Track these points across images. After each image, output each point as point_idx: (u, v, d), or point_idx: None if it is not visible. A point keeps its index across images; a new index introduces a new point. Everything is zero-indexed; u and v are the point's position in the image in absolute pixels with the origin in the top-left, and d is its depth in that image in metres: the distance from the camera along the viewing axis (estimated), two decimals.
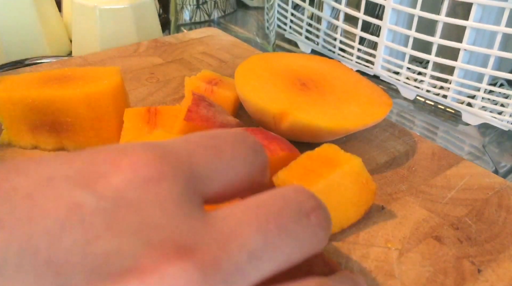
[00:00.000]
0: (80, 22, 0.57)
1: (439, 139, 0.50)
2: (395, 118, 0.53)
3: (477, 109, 0.50)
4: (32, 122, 0.36)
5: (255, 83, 0.38)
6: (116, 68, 0.38)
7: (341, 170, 0.30)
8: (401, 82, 0.55)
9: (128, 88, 0.46)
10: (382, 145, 0.41)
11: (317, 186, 0.29)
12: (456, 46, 0.48)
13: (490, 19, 0.47)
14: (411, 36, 0.50)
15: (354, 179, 0.31)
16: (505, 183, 0.37)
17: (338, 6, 0.57)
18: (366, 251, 0.30)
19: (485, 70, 0.47)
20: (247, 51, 0.57)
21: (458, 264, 0.29)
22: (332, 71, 0.43)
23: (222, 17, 0.75)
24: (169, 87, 0.48)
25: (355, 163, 0.31)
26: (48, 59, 0.55)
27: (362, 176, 0.31)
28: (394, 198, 0.35)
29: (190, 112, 0.35)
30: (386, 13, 0.52)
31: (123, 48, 0.55)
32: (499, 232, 0.32)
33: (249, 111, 0.39)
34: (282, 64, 0.42)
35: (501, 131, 0.50)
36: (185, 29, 0.69)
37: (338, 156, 0.32)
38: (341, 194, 0.30)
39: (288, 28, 0.68)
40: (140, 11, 0.58)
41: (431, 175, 0.37)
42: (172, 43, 0.58)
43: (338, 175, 0.30)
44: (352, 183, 0.31)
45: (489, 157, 0.47)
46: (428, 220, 0.33)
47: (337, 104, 0.38)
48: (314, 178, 0.30)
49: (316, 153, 0.32)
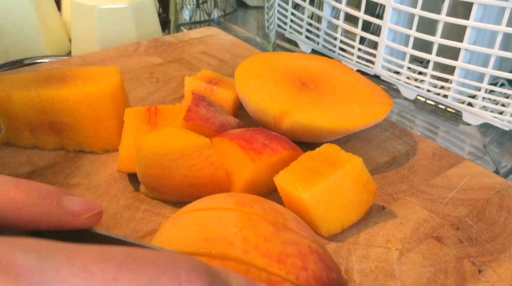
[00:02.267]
0: (80, 21, 0.57)
1: (439, 139, 0.50)
2: (395, 118, 0.53)
3: (478, 109, 0.50)
4: (31, 122, 0.36)
5: (255, 83, 0.38)
6: (116, 68, 0.38)
7: (342, 169, 0.30)
8: (402, 82, 0.55)
9: (127, 88, 0.46)
10: (383, 144, 0.41)
11: (319, 186, 0.29)
12: (456, 45, 0.48)
13: (491, 19, 0.47)
14: (412, 35, 0.50)
15: (355, 179, 0.31)
16: (506, 183, 0.37)
17: (338, 5, 0.57)
18: (366, 251, 0.30)
19: (486, 70, 0.47)
20: (247, 50, 0.57)
21: (459, 265, 0.29)
22: (332, 71, 0.43)
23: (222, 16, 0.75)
24: (169, 87, 0.48)
25: (356, 163, 0.31)
26: (48, 59, 0.55)
27: (363, 176, 0.31)
28: (394, 198, 0.35)
29: (189, 112, 0.35)
30: (386, 13, 0.52)
31: (122, 47, 0.55)
32: (500, 232, 0.32)
33: (249, 111, 0.39)
34: (282, 64, 0.42)
35: (502, 131, 0.50)
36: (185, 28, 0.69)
37: (339, 156, 0.32)
38: (342, 194, 0.30)
39: (288, 27, 0.68)
40: (139, 11, 0.58)
41: (431, 175, 0.37)
42: (172, 43, 0.57)
43: (340, 175, 0.30)
44: (352, 183, 0.31)
45: (490, 157, 0.47)
46: (428, 220, 0.33)
47: (338, 104, 0.38)
48: (316, 178, 0.30)
49: (317, 152, 0.32)
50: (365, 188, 0.31)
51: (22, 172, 0.35)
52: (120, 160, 0.34)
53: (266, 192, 0.34)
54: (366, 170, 0.31)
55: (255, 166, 0.31)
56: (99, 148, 0.37)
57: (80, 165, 0.36)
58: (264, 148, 0.32)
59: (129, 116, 0.35)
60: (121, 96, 0.37)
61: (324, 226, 0.30)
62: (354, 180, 0.31)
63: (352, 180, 0.31)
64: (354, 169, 0.31)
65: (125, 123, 0.35)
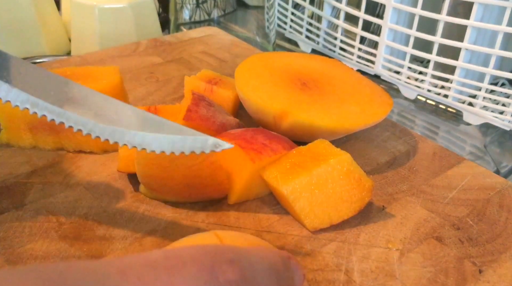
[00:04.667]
0: (79, 21, 0.57)
1: (440, 139, 0.50)
2: (396, 118, 0.53)
3: (478, 109, 0.50)
4: (31, 122, 0.36)
5: (255, 83, 0.38)
6: (115, 68, 0.38)
7: (327, 164, 0.31)
8: (402, 82, 0.55)
9: (127, 88, 0.46)
10: (383, 144, 0.41)
11: (299, 179, 0.30)
12: (457, 45, 0.47)
13: (491, 19, 0.47)
14: (412, 35, 0.50)
15: (344, 174, 0.31)
16: (506, 183, 0.37)
17: (338, 5, 0.56)
18: (367, 251, 0.30)
19: (486, 70, 0.46)
20: (247, 50, 0.57)
21: (459, 265, 0.29)
22: (332, 71, 0.42)
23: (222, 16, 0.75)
24: (168, 87, 0.48)
25: (343, 158, 0.31)
26: (47, 59, 0.55)
27: (354, 172, 0.31)
28: (395, 198, 0.35)
29: (189, 112, 0.34)
30: (387, 12, 0.51)
31: (122, 47, 0.55)
32: (501, 232, 0.32)
33: (249, 111, 0.39)
34: (282, 64, 0.42)
35: (502, 131, 0.50)
36: (184, 28, 0.69)
37: (327, 151, 0.32)
38: (329, 189, 0.31)
39: (288, 27, 0.68)
40: (139, 10, 0.58)
41: (432, 175, 0.37)
42: (172, 43, 0.57)
43: (324, 169, 0.31)
44: (341, 178, 0.31)
45: (491, 157, 0.47)
46: (429, 220, 0.33)
47: (338, 104, 0.38)
48: (298, 172, 0.30)
49: (307, 148, 0.33)
50: (357, 185, 0.31)
51: (21, 172, 0.35)
52: (119, 160, 0.34)
53: (266, 192, 0.34)
54: (357, 166, 0.32)
55: (255, 166, 0.31)
56: (99, 148, 0.37)
57: (80, 165, 0.36)
58: (264, 148, 0.32)
59: None
60: (121, 96, 0.37)
61: (308, 220, 0.30)
62: (343, 176, 0.31)
63: (340, 175, 0.31)
64: (341, 164, 0.31)
65: None
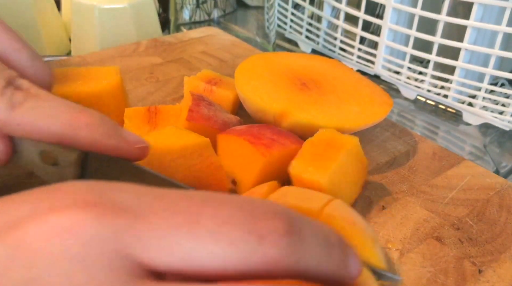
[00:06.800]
0: (79, 21, 0.57)
1: (440, 139, 0.50)
2: (395, 118, 0.53)
3: (478, 109, 0.50)
4: None
5: (255, 83, 0.38)
6: (116, 68, 0.38)
7: (346, 150, 0.32)
8: (402, 82, 0.55)
9: (127, 88, 0.46)
10: (383, 144, 0.41)
11: (332, 169, 0.30)
12: (457, 45, 0.47)
13: (491, 19, 0.47)
14: (412, 35, 0.50)
15: (355, 157, 0.33)
16: (506, 183, 0.37)
17: (338, 5, 0.56)
18: None
19: (486, 70, 0.46)
20: (247, 50, 0.57)
21: (459, 265, 0.29)
22: (332, 71, 0.43)
23: (222, 16, 0.75)
24: (168, 87, 0.48)
25: (355, 142, 0.33)
26: (47, 59, 0.55)
27: (360, 154, 0.33)
28: (394, 198, 0.35)
29: (191, 112, 0.35)
30: (386, 13, 0.52)
31: (122, 47, 0.55)
32: (500, 232, 0.32)
33: (249, 111, 0.39)
34: (282, 64, 0.42)
35: (502, 131, 0.50)
36: (184, 28, 0.69)
37: (339, 139, 0.33)
38: (348, 173, 0.32)
39: (288, 27, 0.68)
40: (139, 11, 0.58)
41: (432, 175, 0.37)
42: (172, 43, 0.57)
43: (344, 156, 0.31)
44: (353, 161, 0.32)
45: (490, 157, 0.47)
46: (429, 220, 0.33)
47: (338, 104, 0.38)
48: (327, 162, 0.31)
49: (316, 138, 0.33)
50: (361, 165, 0.33)
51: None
52: None
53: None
54: (361, 148, 0.33)
55: (266, 160, 0.31)
56: None
57: None
58: (272, 142, 0.32)
59: (129, 116, 0.35)
60: (121, 96, 0.37)
61: None
62: (354, 159, 0.32)
63: (353, 159, 0.32)
64: (354, 148, 0.33)
65: (125, 123, 0.35)
